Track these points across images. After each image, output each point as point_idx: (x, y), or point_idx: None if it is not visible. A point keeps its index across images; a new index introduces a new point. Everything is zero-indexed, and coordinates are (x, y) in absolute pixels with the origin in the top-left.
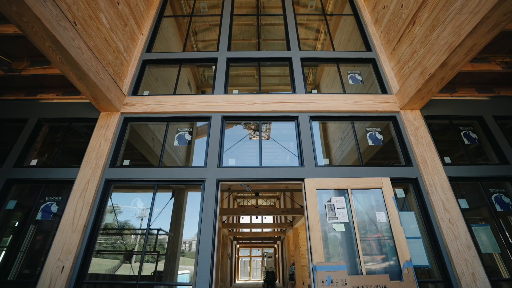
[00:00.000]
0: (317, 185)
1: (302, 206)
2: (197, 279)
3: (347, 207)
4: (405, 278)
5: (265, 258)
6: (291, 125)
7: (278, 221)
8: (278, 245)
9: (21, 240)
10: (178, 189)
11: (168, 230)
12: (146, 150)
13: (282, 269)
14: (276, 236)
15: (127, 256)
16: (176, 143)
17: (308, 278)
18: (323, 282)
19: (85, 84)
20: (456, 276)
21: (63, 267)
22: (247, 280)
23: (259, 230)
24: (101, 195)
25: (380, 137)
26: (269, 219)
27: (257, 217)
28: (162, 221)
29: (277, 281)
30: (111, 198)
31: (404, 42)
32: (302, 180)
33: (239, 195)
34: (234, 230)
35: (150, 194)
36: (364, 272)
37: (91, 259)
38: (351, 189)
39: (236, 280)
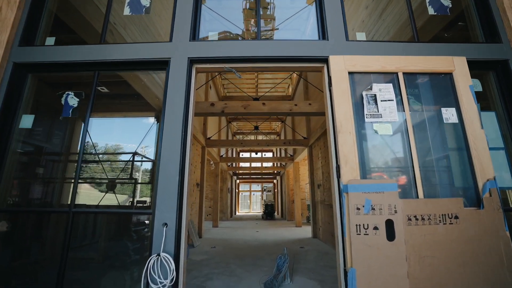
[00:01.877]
0: (350, 65)
1: (305, 138)
2: (157, 203)
3: (396, 99)
4: (486, 204)
5: (265, 192)
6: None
7: (278, 155)
8: (277, 180)
9: None
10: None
11: (150, 157)
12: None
13: (281, 202)
14: (275, 172)
15: (110, 186)
16: (127, 11)
17: (306, 210)
18: (358, 209)
19: None
20: None
21: None
22: (247, 212)
23: (259, 164)
24: (8, 87)
25: (446, 3)
26: (268, 155)
27: (256, 153)
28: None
29: (275, 213)
30: (85, 128)
31: None
32: (325, 60)
33: (238, 131)
34: (234, 165)
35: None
36: (421, 195)
37: (1, 179)
38: (403, 73)
39: (237, 212)
